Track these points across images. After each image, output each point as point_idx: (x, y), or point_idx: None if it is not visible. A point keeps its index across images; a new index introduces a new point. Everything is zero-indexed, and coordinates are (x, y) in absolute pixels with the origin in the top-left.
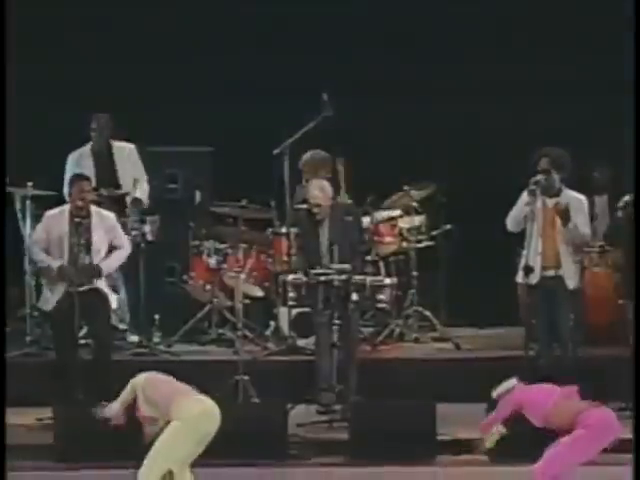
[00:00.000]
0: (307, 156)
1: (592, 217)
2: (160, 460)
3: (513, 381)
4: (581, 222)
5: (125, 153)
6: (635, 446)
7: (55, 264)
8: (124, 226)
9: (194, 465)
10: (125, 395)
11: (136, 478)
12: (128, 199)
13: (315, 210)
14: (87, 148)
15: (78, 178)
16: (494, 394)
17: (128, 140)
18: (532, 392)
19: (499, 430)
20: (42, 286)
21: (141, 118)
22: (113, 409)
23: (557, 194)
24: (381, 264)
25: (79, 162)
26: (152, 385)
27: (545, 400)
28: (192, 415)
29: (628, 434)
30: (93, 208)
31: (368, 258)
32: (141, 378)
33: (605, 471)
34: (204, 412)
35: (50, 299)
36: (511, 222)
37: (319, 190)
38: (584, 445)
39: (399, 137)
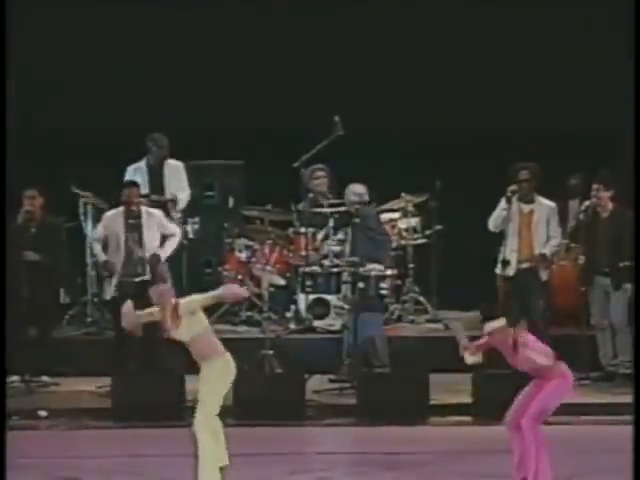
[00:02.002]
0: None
1: (566, 218)
2: (211, 409)
3: (501, 321)
4: (553, 224)
5: (174, 169)
6: (635, 408)
7: (103, 258)
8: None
9: (226, 425)
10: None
11: (189, 433)
12: (170, 204)
13: (356, 207)
14: (143, 162)
15: (129, 185)
16: (485, 329)
17: (176, 156)
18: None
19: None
20: (102, 277)
21: (187, 136)
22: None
23: (531, 201)
24: None
25: (135, 172)
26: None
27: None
28: (225, 373)
29: (627, 399)
30: (143, 208)
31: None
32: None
33: (609, 430)
34: (231, 369)
35: (108, 290)
36: (492, 223)
37: (359, 190)
38: (561, 393)
39: (399, 152)
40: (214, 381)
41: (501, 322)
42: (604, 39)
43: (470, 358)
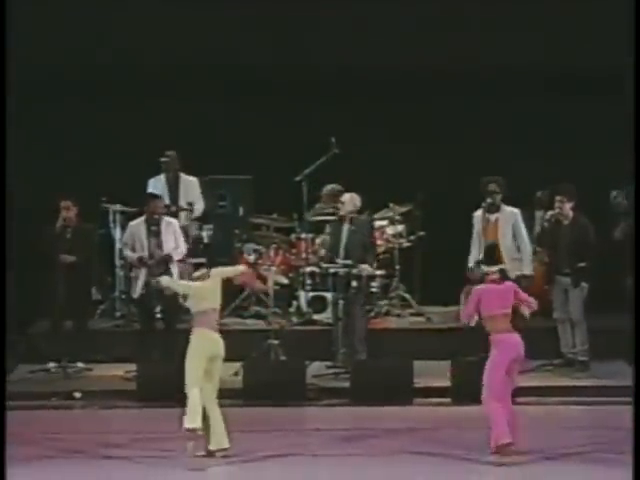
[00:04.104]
0: (327, 188)
1: (533, 226)
2: (189, 377)
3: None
4: (520, 231)
5: (189, 183)
6: (635, 390)
7: (136, 256)
8: (186, 231)
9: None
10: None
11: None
12: (182, 213)
13: (355, 215)
14: (162, 175)
15: (151, 197)
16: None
17: (192, 171)
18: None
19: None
20: (130, 277)
21: (202, 154)
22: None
23: (498, 210)
24: None
25: (156, 185)
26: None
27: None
28: (198, 344)
29: (585, 382)
30: (162, 217)
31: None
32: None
33: (569, 410)
34: (205, 340)
35: (136, 288)
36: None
37: (355, 201)
38: (497, 363)
39: (388, 170)
40: (191, 350)
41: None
42: None
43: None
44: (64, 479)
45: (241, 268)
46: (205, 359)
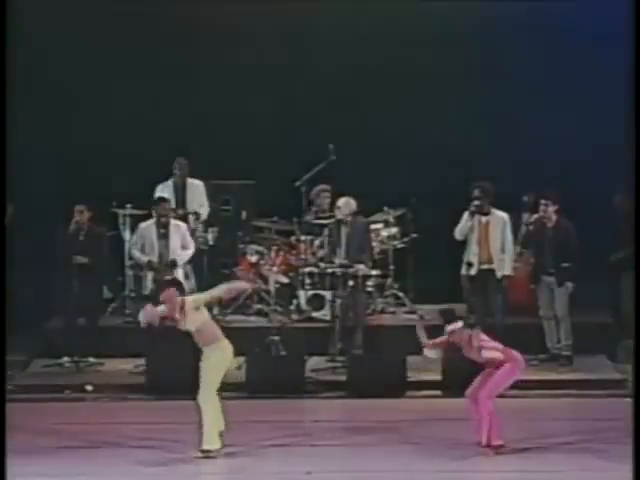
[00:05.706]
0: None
1: (519, 228)
2: (210, 386)
3: (459, 323)
4: (507, 234)
5: (195, 187)
6: (635, 383)
7: (145, 259)
8: (193, 234)
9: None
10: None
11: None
12: (191, 216)
13: (350, 217)
14: (170, 181)
15: (160, 200)
16: (446, 329)
17: (198, 177)
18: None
19: (437, 355)
20: (139, 276)
21: (208, 160)
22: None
23: (487, 213)
24: None
25: (164, 190)
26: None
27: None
28: (223, 356)
29: (569, 376)
30: (171, 220)
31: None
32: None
33: (553, 402)
34: (228, 353)
35: (147, 286)
36: (458, 233)
37: (350, 204)
38: (511, 375)
39: (382, 175)
40: (214, 363)
41: (458, 324)
42: None
43: (430, 352)
44: (76, 467)
45: (216, 293)
46: (225, 370)
